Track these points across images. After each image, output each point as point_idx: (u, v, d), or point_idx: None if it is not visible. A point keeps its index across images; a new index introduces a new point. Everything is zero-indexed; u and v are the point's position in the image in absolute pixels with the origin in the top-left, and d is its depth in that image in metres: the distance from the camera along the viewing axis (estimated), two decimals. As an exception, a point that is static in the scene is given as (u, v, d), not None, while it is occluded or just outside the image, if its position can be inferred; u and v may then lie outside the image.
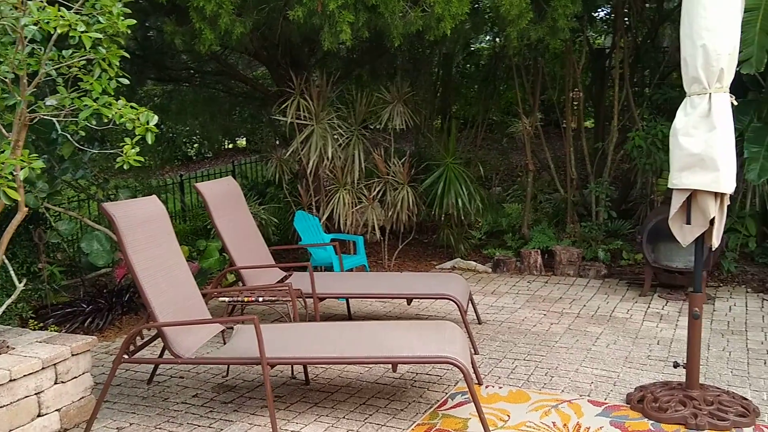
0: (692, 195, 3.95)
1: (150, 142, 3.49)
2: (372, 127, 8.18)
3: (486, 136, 10.01)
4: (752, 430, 3.79)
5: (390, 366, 4.76)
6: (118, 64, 3.62)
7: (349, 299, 6.12)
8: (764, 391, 4.36)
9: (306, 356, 3.97)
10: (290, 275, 5.94)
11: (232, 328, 4.67)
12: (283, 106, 7.30)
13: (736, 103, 3.97)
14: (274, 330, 4.41)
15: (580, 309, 6.21)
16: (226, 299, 5.09)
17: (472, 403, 4.08)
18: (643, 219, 8.21)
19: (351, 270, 6.96)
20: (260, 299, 5.04)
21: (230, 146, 15.82)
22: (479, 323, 5.82)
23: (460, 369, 3.78)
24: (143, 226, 4.13)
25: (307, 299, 5.44)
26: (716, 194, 3.88)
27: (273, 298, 5.07)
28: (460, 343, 4.11)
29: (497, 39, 9.56)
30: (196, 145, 14.65)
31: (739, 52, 4.80)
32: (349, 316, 6.13)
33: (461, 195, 7.62)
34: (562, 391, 4.42)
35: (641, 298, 6.54)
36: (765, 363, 4.84)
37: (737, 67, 4.03)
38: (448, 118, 9.88)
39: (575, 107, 8.94)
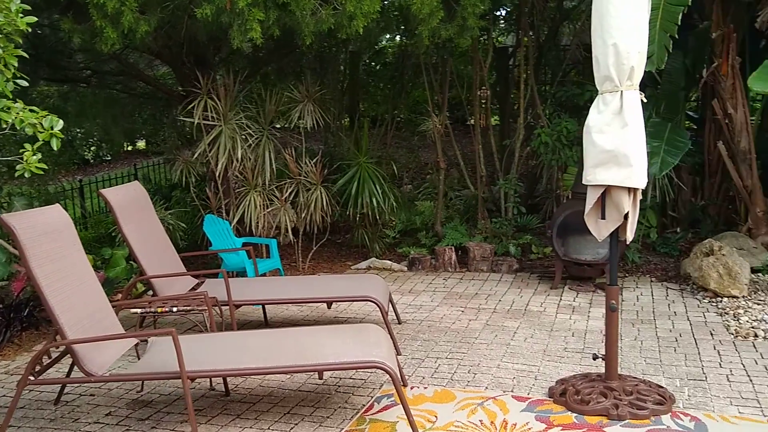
0: (606, 191, 4.04)
1: (56, 148, 3.25)
2: (281, 126, 8.03)
3: (395, 134, 10.03)
4: (669, 417, 3.92)
5: (313, 372, 4.65)
6: (15, 64, 3.36)
7: (266, 305, 5.96)
8: (677, 377, 4.53)
9: (230, 368, 3.82)
10: (202, 282, 5.74)
11: (146, 340, 4.46)
12: (190, 106, 7.05)
13: (645, 100, 4.10)
14: (192, 341, 4.23)
15: (496, 304, 6.30)
16: (137, 310, 4.85)
17: (399, 406, 4.04)
18: (550, 213, 8.44)
19: (265, 274, 6.81)
20: (174, 309, 4.83)
21: (130, 148, 15.22)
22: (399, 323, 5.80)
23: (388, 373, 3.73)
24: (47, 238, 3.86)
25: (222, 307, 5.26)
26: (629, 189, 3.99)
27: (187, 308, 4.87)
28: (386, 345, 4.06)
29: (402, 38, 9.59)
30: (93, 148, 14.00)
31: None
32: (266, 323, 5.98)
33: (375, 194, 7.59)
34: (486, 388, 4.44)
35: (553, 290, 6.70)
36: (675, 350, 5.03)
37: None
38: (357, 116, 9.83)
39: (483, 105, 9.07)
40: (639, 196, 4.08)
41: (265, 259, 7.10)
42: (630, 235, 4.09)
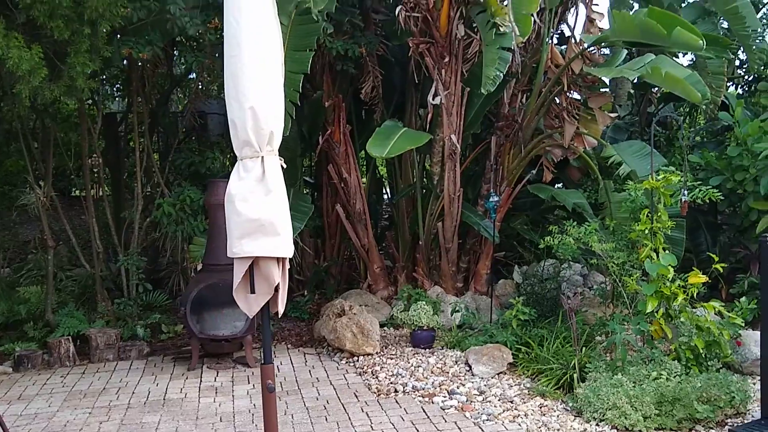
0: (254, 262, 3.77)
1: None
2: None
3: (-13, 210, 8.61)
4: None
5: None
6: None
7: None
8: (336, 449, 4.39)
9: None
10: None
11: None
12: None
13: (285, 165, 3.95)
14: None
15: (130, 397, 5.56)
16: None
17: None
18: (177, 288, 7.94)
19: None
20: None
21: None
22: (9, 441, 4.74)
23: None
24: None
25: None
26: (278, 259, 3.78)
27: None
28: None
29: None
30: None
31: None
32: None
33: (-37, 284, 6.26)
34: (133, 504, 3.77)
35: (191, 372, 6.18)
36: (326, 419, 4.91)
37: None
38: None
39: (95, 174, 8.25)
40: (287, 266, 3.90)
41: None
42: (281, 308, 3.87)
